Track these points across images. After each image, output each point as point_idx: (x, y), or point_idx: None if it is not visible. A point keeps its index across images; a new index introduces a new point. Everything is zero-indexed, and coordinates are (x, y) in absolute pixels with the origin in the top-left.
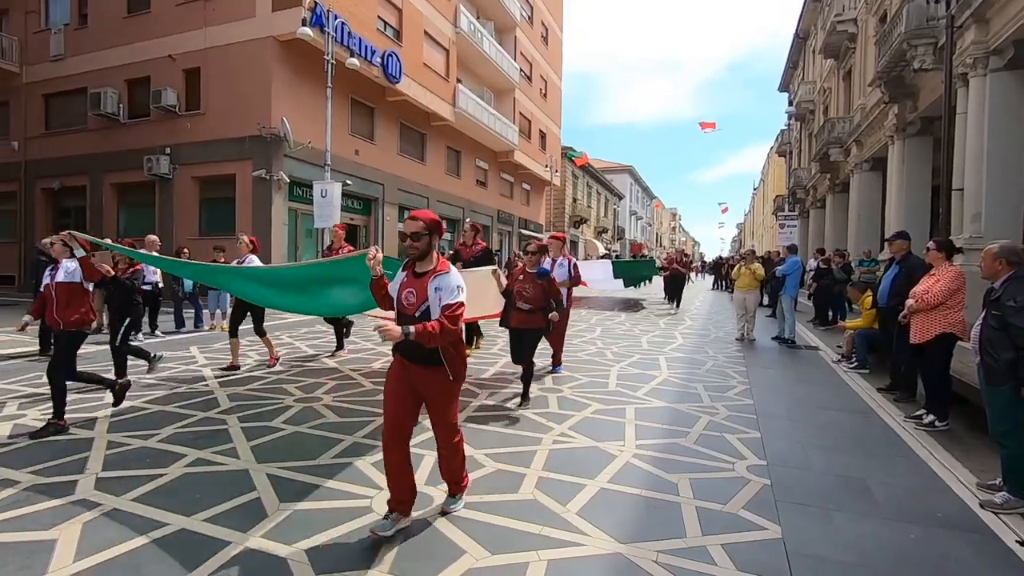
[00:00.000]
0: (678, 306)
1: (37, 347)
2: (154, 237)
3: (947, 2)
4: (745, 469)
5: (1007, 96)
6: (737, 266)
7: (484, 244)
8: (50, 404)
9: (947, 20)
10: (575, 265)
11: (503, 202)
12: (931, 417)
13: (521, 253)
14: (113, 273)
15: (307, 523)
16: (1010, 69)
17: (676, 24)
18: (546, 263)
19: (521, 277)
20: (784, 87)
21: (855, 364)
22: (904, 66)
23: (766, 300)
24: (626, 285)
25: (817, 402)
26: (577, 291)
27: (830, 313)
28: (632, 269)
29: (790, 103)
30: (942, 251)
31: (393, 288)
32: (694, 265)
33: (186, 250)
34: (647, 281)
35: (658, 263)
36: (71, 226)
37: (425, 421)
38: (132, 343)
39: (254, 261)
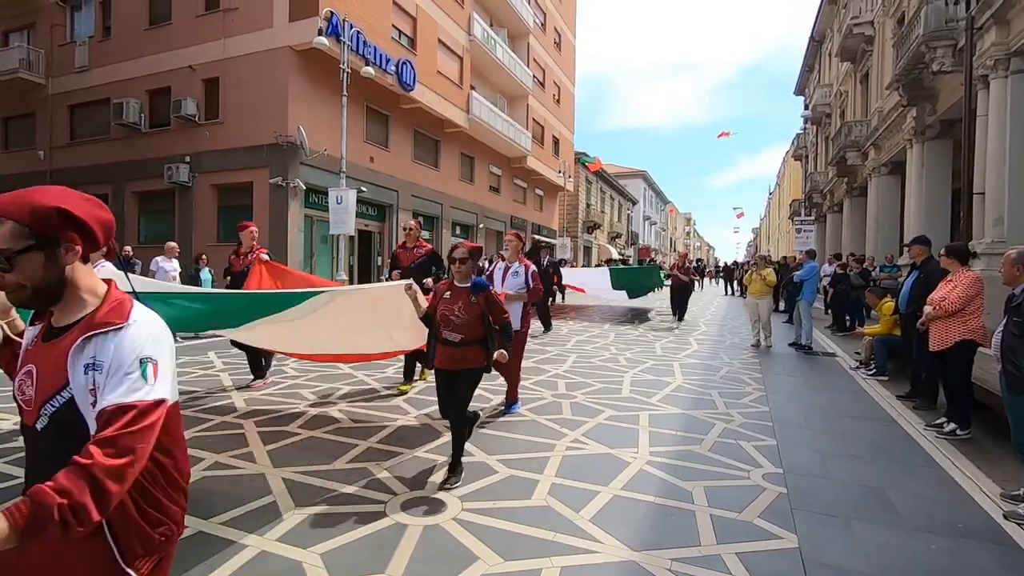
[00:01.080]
0: (680, 319)
1: None
2: (173, 244)
3: (967, 3)
4: (761, 477)
5: None
6: (749, 272)
7: (430, 247)
8: None
9: (967, 22)
10: (534, 274)
11: (516, 208)
12: (952, 425)
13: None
14: None
15: (322, 527)
16: None
17: (687, 28)
18: (497, 270)
19: (448, 294)
20: (800, 90)
21: (874, 371)
22: (923, 68)
23: (782, 306)
24: (631, 297)
25: (835, 409)
26: (576, 298)
27: (847, 319)
28: (634, 279)
29: (806, 107)
30: (952, 257)
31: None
32: (708, 270)
33: (204, 256)
34: (657, 289)
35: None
36: None
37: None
38: None
39: (106, 265)
